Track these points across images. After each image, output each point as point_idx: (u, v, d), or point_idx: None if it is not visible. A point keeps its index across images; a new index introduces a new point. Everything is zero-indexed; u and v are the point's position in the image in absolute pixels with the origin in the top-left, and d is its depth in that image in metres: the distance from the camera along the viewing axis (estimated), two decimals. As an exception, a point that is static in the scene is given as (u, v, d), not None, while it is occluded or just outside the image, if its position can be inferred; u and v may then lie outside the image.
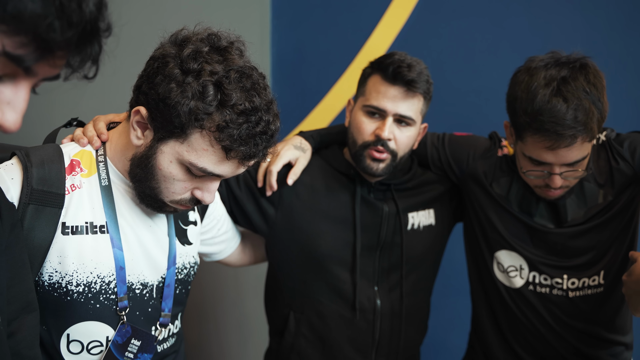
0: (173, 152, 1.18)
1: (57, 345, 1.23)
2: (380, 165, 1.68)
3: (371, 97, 1.68)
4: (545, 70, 1.51)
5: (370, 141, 1.67)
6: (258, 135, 1.16)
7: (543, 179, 1.58)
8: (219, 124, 1.13)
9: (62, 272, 1.20)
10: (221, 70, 1.13)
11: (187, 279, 1.42)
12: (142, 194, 1.26)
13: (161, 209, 1.28)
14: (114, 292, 1.25)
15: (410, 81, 1.64)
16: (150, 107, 1.17)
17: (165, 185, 1.22)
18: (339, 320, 1.76)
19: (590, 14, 2.41)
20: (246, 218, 1.75)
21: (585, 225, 1.66)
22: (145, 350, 1.31)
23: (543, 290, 1.72)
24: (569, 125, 1.45)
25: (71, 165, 1.26)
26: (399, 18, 2.64)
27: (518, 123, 1.55)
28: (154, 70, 1.17)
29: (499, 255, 1.76)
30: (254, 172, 1.74)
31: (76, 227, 1.22)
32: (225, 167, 1.20)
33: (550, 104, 1.46)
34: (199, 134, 1.15)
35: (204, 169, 1.19)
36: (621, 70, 2.40)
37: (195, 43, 1.16)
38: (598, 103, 1.49)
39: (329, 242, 1.74)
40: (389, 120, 1.66)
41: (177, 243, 1.39)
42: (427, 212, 1.83)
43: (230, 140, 1.13)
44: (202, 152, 1.17)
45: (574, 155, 1.51)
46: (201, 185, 1.24)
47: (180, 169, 1.20)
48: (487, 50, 2.53)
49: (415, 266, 1.81)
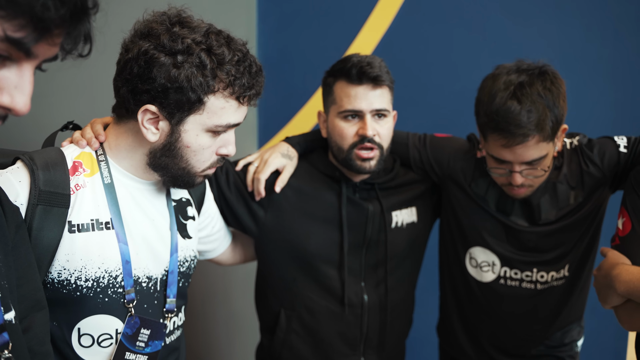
0: (196, 126, 1.27)
1: (69, 339, 1.28)
2: (371, 163, 1.75)
3: (344, 102, 1.73)
4: (507, 75, 1.63)
5: (356, 141, 1.74)
6: (257, 75, 1.30)
7: (505, 177, 1.68)
8: (227, 80, 1.25)
9: (70, 269, 1.25)
10: (201, 38, 1.23)
11: (188, 272, 1.47)
12: (172, 178, 1.34)
13: (194, 184, 1.38)
14: (121, 286, 1.30)
15: (375, 77, 1.71)
16: (157, 100, 1.23)
17: (196, 158, 1.32)
18: (328, 316, 1.83)
19: (567, 19, 2.47)
20: (236, 219, 1.81)
21: (556, 224, 1.78)
22: (156, 337, 1.36)
23: (513, 283, 1.84)
24: (520, 124, 1.56)
25: (74, 166, 1.30)
26: (384, 21, 2.68)
27: (481, 124, 1.69)
28: (142, 67, 1.22)
29: (473, 251, 1.87)
30: (244, 175, 1.80)
31: (82, 225, 1.26)
32: (241, 113, 1.32)
33: (506, 105, 1.58)
34: (213, 98, 1.26)
35: (229, 123, 1.30)
36: (595, 74, 2.47)
37: (160, 28, 1.23)
38: (553, 107, 1.60)
39: (317, 242, 1.80)
40: (368, 118, 1.72)
41: (178, 236, 1.44)
42: (409, 210, 1.91)
43: (242, 89, 1.27)
44: (221, 110, 1.27)
45: (530, 154, 1.61)
46: (222, 142, 1.34)
47: (207, 137, 1.30)
48: (469, 53, 2.58)
49: (400, 262, 1.88)
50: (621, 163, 1.72)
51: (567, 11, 2.48)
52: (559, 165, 1.78)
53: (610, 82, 2.48)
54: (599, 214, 1.81)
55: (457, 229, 1.89)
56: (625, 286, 1.41)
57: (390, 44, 2.67)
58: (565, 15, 2.48)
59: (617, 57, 2.46)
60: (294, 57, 2.81)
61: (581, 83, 2.42)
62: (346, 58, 1.76)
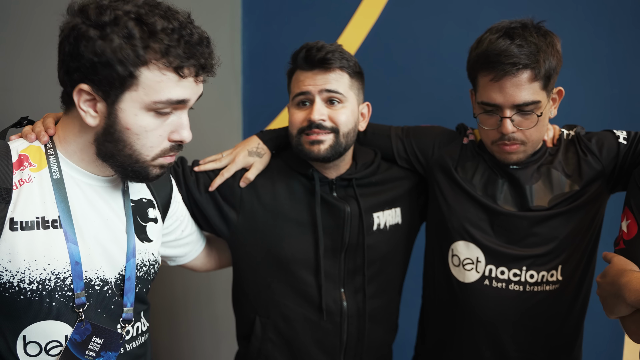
0: (133, 104, 1.17)
1: (14, 348, 1.19)
2: (321, 147, 1.65)
3: (294, 88, 1.68)
4: (498, 25, 1.60)
5: (304, 127, 1.66)
6: (198, 44, 1.18)
7: (497, 128, 1.60)
8: (160, 50, 1.14)
9: (12, 271, 1.17)
10: (132, 8, 1.15)
11: (147, 277, 1.38)
12: (122, 169, 1.24)
13: (148, 175, 1.25)
14: (70, 289, 1.21)
15: (322, 59, 1.63)
16: (89, 78, 1.15)
17: (141, 142, 1.20)
18: (305, 324, 1.74)
19: (560, 14, 2.42)
20: (207, 222, 1.73)
21: (549, 211, 1.67)
22: (110, 348, 1.27)
23: (499, 285, 1.70)
24: (511, 54, 1.51)
25: (19, 160, 1.22)
26: (371, 15, 2.63)
27: (470, 68, 1.64)
28: (72, 44, 1.15)
29: (456, 246, 1.74)
30: (214, 175, 1.72)
31: (26, 223, 1.18)
32: (184, 88, 1.19)
33: (496, 42, 1.54)
34: (147, 71, 1.15)
35: (169, 99, 1.18)
36: (590, 70, 2.42)
37: (91, 3, 1.16)
38: (547, 50, 1.54)
39: (292, 245, 1.71)
40: (317, 101, 1.64)
41: (136, 239, 1.35)
42: (393, 211, 1.81)
43: (178, 59, 1.15)
44: (158, 84, 1.16)
45: (522, 95, 1.54)
46: (173, 126, 1.22)
47: (148, 116, 1.18)
48: (459, 47, 2.52)
49: (382, 266, 1.79)
50: (620, 155, 1.64)
51: (560, 6, 2.43)
52: (554, 152, 1.70)
53: (605, 79, 2.43)
54: (596, 217, 1.70)
55: (441, 224, 1.77)
56: (636, 295, 1.30)
57: (378, 38, 2.61)
58: (559, 11, 2.42)
59: (613, 54, 2.41)
60: (280, 52, 2.73)
61: (576, 79, 2.37)
62: (302, 46, 1.70)
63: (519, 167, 1.69)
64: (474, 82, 1.65)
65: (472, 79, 1.66)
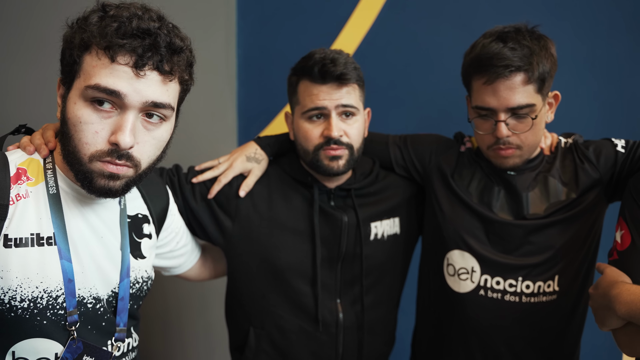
0: (75, 92, 1.13)
1: None
2: (340, 162, 1.63)
3: (307, 101, 1.63)
4: (492, 30, 1.60)
5: (321, 143, 1.63)
6: (135, 31, 1.10)
7: (492, 133, 1.58)
8: (97, 33, 1.10)
9: (4, 288, 1.13)
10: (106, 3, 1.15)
11: (139, 294, 1.35)
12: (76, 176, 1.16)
13: (93, 183, 1.14)
14: (62, 307, 1.18)
15: (340, 75, 1.60)
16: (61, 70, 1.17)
17: (77, 136, 1.12)
18: (300, 335, 1.70)
19: (557, 18, 2.40)
20: (203, 230, 1.69)
21: (545, 220, 1.64)
22: None
23: (495, 295, 1.66)
24: (504, 57, 1.51)
25: (17, 174, 1.19)
26: (367, 19, 2.61)
27: (464, 75, 1.64)
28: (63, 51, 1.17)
29: (451, 256, 1.71)
30: (210, 184, 1.69)
31: (20, 240, 1.15)
32: (117, 78, 1.10)
33: (489, 46, 1.55)
34: (88, 57, 1.12)
35: (97, 84, 1.10)
36: (586, 74, 2.40)
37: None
38: (539, 51, 1.54)
39: (288, 254, 1.68)
40: (334, 117, 1.61)
41: (130, 258, 1.31)
42: (391, 220, 1.78)
43: (109, 40, 1.09)
44: (93, 69, 1.11)
45: (515, 98, 1.52)
46: (113, 126, 1.12)
47: (84, 107, 1.12)
48: (456, 51, 2.51)
49: (379, 277, 1.75)
50: (618, 164, 1.61)
51: (557, 10, 2.41)
52: (552, 160, 1.68)
53: (601, 83, 2.41)
54: (594, 227, 1.67)
55: (436, 232, 1.74)
56: (627, 308, 1.28)
57: (374, 42, 2.59)
58: (555, 14, 2.41)
59: (608, 58, 2.39)
60: (275, 56, 2.72)
61: (572, 83, 2.36)
62: (309, 55, 1.65)
63: (515, 174, 1.67)
64: (468, 87, 1.64)
65: (466, 83, 1.65)
